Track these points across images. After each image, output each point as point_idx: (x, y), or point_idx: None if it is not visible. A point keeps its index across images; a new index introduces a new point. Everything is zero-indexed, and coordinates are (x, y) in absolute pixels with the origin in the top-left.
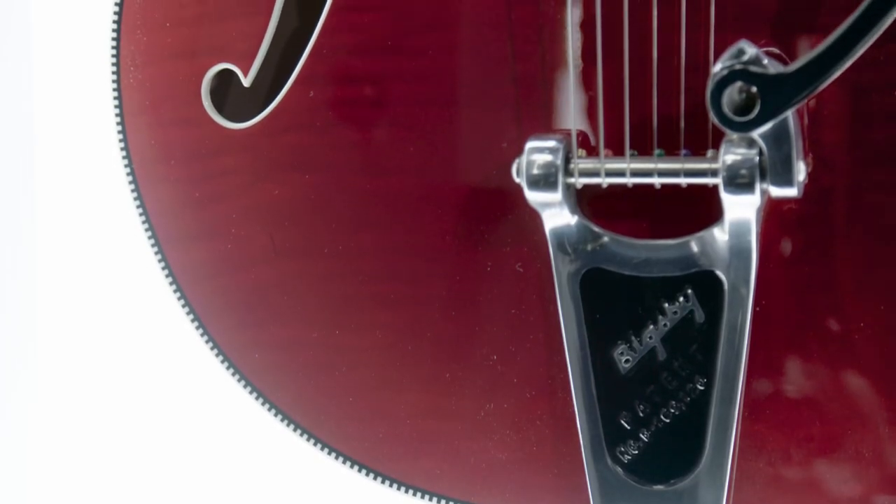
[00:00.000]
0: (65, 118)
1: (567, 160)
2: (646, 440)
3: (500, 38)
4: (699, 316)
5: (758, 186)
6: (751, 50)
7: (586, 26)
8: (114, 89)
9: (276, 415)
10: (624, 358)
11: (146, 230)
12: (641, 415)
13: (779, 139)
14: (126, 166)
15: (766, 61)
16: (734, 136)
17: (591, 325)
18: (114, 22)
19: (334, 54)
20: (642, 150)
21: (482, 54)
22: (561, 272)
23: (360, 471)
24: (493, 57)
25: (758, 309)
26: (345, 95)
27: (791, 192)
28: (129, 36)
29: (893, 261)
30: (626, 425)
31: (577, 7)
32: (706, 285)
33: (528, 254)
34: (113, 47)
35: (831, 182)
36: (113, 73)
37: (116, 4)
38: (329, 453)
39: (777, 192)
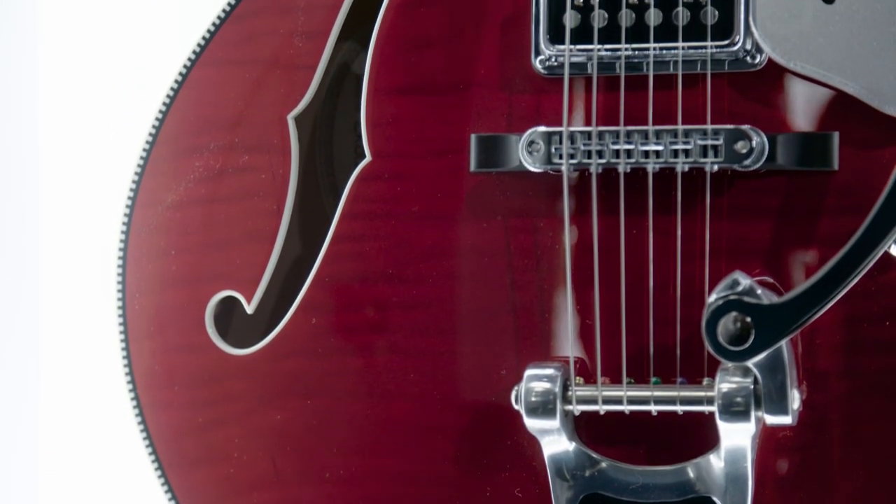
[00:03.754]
0: (68, 120)
1: (565, 388)
2: None
3: (499, 267)
4: None
5: (753, 414)
6: (745, 281)
7: (584, 256)
8: (119, 315)
9: None
10: None
11: (150, 454)
12: None
13: (773, 368)
14: (130, 391)
15: (759, 291)
16: (729, 364)
17: None
18: (119, 250)
19: (336, 282)
20: (639, 377)
21: (481, 283)
22: (560, 497)
23: None
24: (492, 286)
25: None
26: (346, 322)
27: (786, 420)
28: (134, 263)
29: (889, 489)
30: None
31: (574, 238)
32: None
33: (526, 478)
34: (119, 275)
35: (826, 410)
36: (118, 299)
37: (123, 233)
38: None
39: (772, 420)
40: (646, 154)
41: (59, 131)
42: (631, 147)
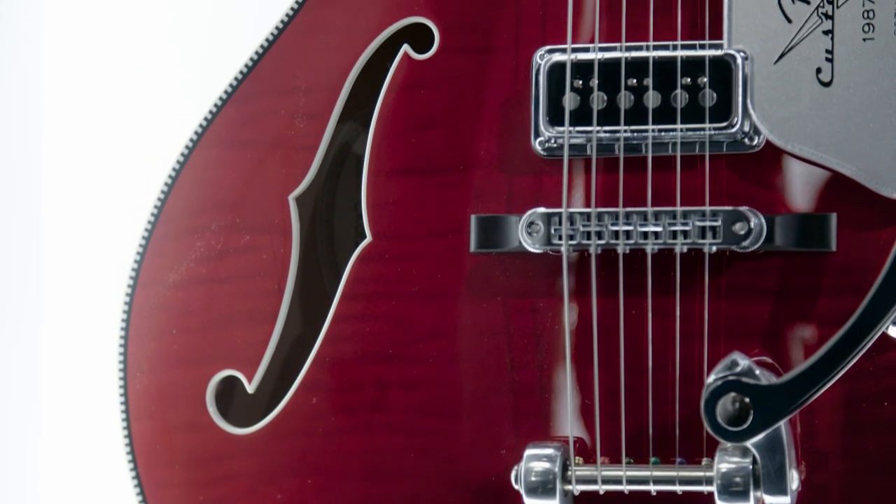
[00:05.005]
0: (72, 121)
1: (565, 468)
2: None
3: (499, 348)
4: None
5: (752, 495)
6: (743, 362)
7: (583, 336)
8: (121, 395)
9: None
10: None
11: None
12: None
13: (772, 448)
14: (132, 470)
15: (758, 372)
16: (728, 444)
17: None
18: (121, 329)
19: (337, 362)
20: (638, 457)
21: (481, 363)
22: None
23: None
24: (493, 366)
25: None
26: (347, 402)
27: (785, 500)
28: (136, 342)
29: None
30: None
31: (574, 318)
32: None
33: None
34: (121, 353)
35: (825, 491)
36: (120, 378)
37: (124, 312)
38: None
39: (771, 500)
40: (645, 235)
41: (62, 212)
42: (630, 228)
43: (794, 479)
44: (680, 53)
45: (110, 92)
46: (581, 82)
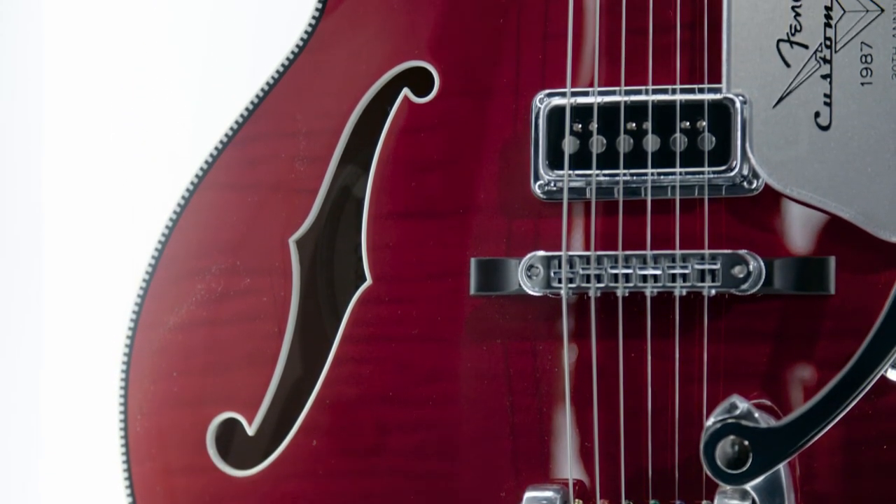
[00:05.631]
0: (74, 121)
1: None
2: None
3: (499, 390)
4: None
5: None
6: (742, 404)
7: (583, 379)
8: (121, 437)
9: None
10: None
11: None
12: None
13: (771, 491)
14: None
15: (757, 415)
16: (728, 487)
17: None
18: (122, 371)
19: (337, 404)
20: (638, 499)
21: (481, 406)
22: None
23: None
24: (492, 408)
25: None
26: (347, 444)
27: None
28: (136, 384)
29: None
30: None
31: (573, 361)
32: None
33: None
34: (121, 396)
35: None
36: (121, 420)
37: (125, 355)
38: None
39: None
40: (644, 278)
41: (63, 258)
42: (629, 271)
43: None
44: (679, 97)
45: (110, 92)
46: (580, 126)
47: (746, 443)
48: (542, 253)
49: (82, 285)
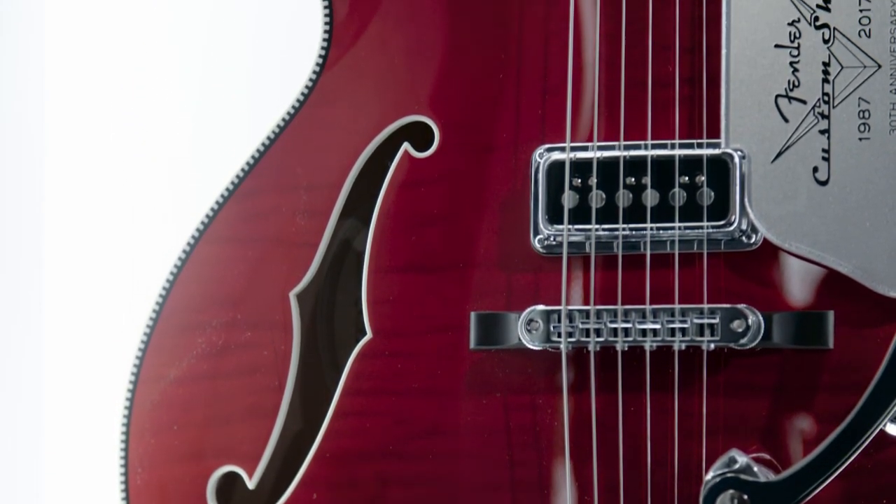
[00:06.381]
0: (76, 121)
1: None
2: None
3: (499, 444)
4: None
5: None
6: (742, 458)
7: (582, 433)
8: (122, 490)
9: None
10: None
11: None
12: None
13: None
14: None
15: (756, 469)
16: None
17: None
18: (123, 425)
19: (337, 458)
20: None
21: (481, 460)
22: None
23: None
24: (492, 462)
25: None
26: (347, 498)
27: None
28: (137, 438)
29: None
30: None
31: (573, 415)
32: None
33: None
34: (122, 449)
35: None
36: (121, 473)
37: (126, 409)
38: None
39: None
40: (643, 333)
41: (63, 309)
42: (629, 326)
43: None
44: (678, 152)
45: (110, 91)
46: (580, 180)
47: (746, 497)
48: (541, 307)
49: (83, 339)
